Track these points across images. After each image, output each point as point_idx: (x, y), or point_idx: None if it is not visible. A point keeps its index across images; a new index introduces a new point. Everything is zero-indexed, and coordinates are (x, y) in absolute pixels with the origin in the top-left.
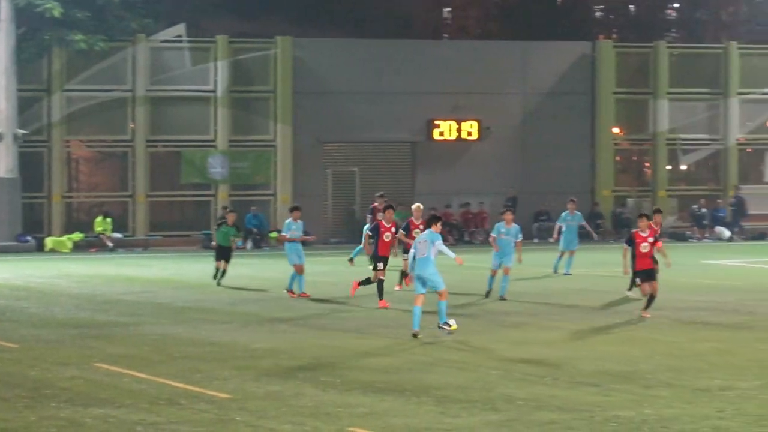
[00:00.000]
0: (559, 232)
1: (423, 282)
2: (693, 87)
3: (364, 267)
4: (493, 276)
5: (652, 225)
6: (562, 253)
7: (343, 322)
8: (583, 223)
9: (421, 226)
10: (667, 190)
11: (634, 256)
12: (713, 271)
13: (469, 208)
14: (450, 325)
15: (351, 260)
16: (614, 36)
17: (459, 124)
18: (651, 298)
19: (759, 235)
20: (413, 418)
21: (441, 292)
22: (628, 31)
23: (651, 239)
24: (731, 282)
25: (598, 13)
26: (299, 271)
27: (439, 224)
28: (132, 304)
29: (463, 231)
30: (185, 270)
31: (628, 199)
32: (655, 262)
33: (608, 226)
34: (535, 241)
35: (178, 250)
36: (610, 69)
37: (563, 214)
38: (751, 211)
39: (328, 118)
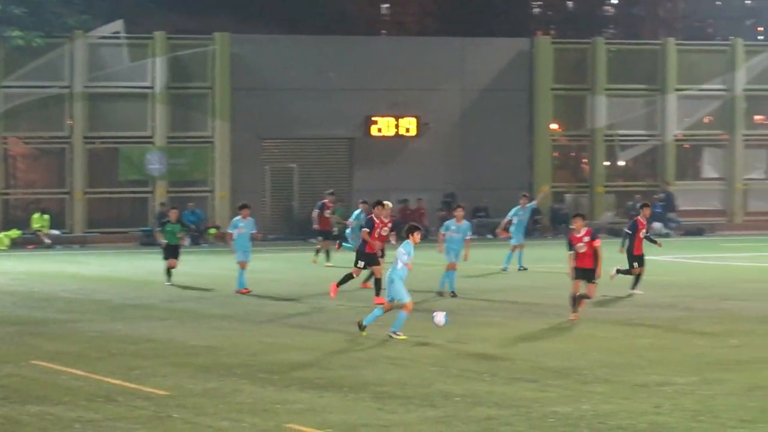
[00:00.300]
0: (506, 228)
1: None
2: (631, 83)
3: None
4: (453, 271)
5: (646, 218)
6: (522, 247)
7: (281, 318)
8: (535, 207)
9: (389, 224)
10: (605, 186)
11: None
12: (650, 266)
13: (407, 205)
14: (398, 335)
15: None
16: (552, 32)
17: (397, 120)
18: (582, 297)
19: (696, 231)
20: (351, 414)
21: (404, 305)
22: (566, 28)
23: (587, 239)
24: (668, 278)
25: (536, 10)
26: (243, 267)
27: (416, 234)
28: (69, 301)
29: (401, 227)
30: (123, 267)
31: (566, 195)
32: (641, 262)
33: (546, 222)
34: (474, 237)
35: (116, 247)
36: (548, 65)
37: (515, 208)
38: (689, 207)
39: (266, 114)
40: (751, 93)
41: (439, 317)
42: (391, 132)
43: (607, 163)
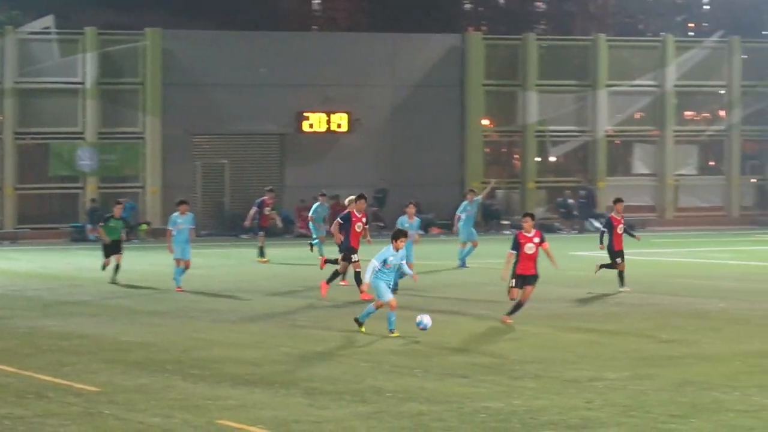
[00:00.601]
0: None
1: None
2: (562, 79)
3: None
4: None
5: (620, 213)
6: (464, 244)
7: (212, 314)
8: (480, 201)
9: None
10: (536, 182)
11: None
12: (582, 262)
13: (339, 201)
14: (394, 333)
15: (312, 247)
16: (483, 28)
17: (329, 116)
18: (519, 305)
19: (627, 227)
20: (282, 411)
21: (388, 302)
22: (497, 23)
23: (537, 239)
24: (600, 273)
25: (467, 6)
26: (178, 264)
27: (398, 241)
28: (0, 297)
29: (331, 223)
30: (54, 263)
31: (498, 191)
32: (621, 256)
33: (478, 218)
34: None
35: (47, 243)
36: (479, 61)
37: (463, 203)
38: None
39: (197, 110)
40: (682, 89)
41: (425, 321)
42: (323, 128)
43: (538, 159)
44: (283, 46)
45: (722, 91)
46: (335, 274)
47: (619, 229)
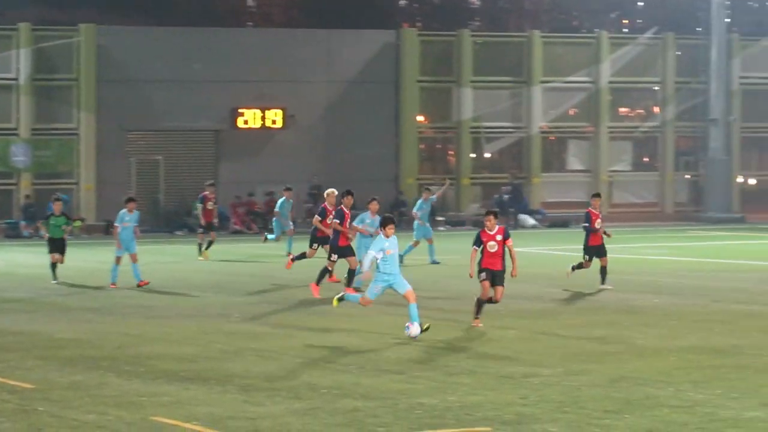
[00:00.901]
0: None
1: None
2: (496, 75)
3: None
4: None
5: (597, 208)
6: (417, 242)
7: (147, 311)
8: (434, 199)
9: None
10: (471, 178)
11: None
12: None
13: (273, 197)
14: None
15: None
16: (418, 24)
17: (263, 112)
18: (489, 301)
19: (562, 223)
20: (217, 407)
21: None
22: (432, 20)
23: (499, 237)
24: (535, 270)
25: (402, 2)
26: (118, 262)
27: (387, 228)
28: None
29: (268, 219)
30: None
31: (433, 187)
32: (596, 253)
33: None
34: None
35: None
36: (414, 57)
37: (419, 202)
38: (554, 199)
39: (132, 106)
40: (616, 85)
41: (414, 329)
42: (257, 124)
43: (473, 155)
44: (217, 42)
45: (656, 88)
46: (350, 273)
47: (597, 224)
